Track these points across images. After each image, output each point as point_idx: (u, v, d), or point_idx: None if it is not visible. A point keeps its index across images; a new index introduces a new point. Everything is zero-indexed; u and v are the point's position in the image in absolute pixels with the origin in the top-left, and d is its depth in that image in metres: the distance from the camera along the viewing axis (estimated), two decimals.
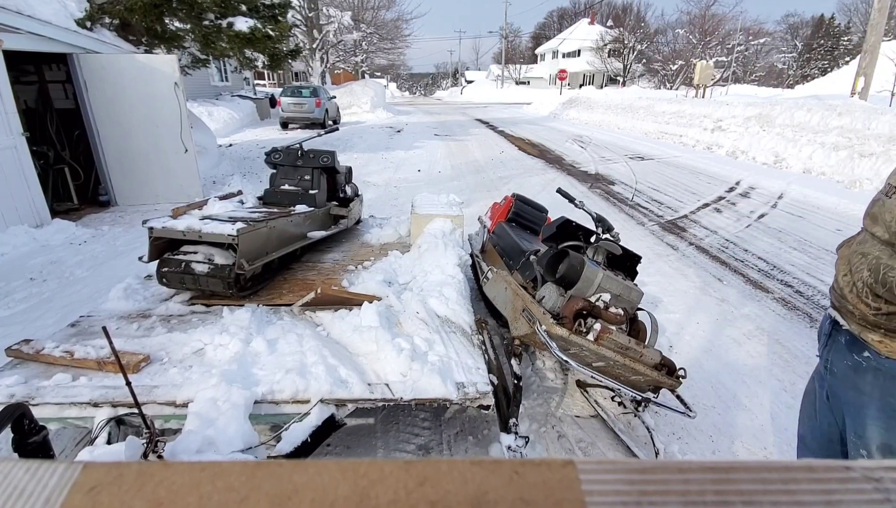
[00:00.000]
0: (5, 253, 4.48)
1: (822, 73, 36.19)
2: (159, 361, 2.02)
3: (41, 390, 1.79)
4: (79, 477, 0.30)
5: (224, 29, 7.18)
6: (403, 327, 2.28)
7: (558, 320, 2.07)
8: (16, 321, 3.27)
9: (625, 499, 0.29)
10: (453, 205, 3.65)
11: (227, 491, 0.29)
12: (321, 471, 0.31)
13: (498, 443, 2.14)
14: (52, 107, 6.31)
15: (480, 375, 1.97)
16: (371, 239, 3.82)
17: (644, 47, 40.44)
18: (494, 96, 42.32)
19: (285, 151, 3.71)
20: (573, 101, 21.33)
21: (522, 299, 2.33)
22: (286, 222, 3.03)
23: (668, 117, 13.60)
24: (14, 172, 4.99)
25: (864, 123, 7.85)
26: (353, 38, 27.81)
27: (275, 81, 36.90)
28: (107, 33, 6.54)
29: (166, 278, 2.53)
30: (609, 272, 2.23)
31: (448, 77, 75.28)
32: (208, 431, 1.54)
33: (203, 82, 16.88)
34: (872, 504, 0.29)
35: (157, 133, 6.28)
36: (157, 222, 2.55)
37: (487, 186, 7.56)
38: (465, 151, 11.60)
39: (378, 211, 5.51)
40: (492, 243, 3.30)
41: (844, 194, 6.74)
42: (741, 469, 0.31)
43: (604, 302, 2.12)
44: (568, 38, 49.42)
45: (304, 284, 2.88)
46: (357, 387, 1.84)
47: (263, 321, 2.36)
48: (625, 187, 7.56)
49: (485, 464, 0.32)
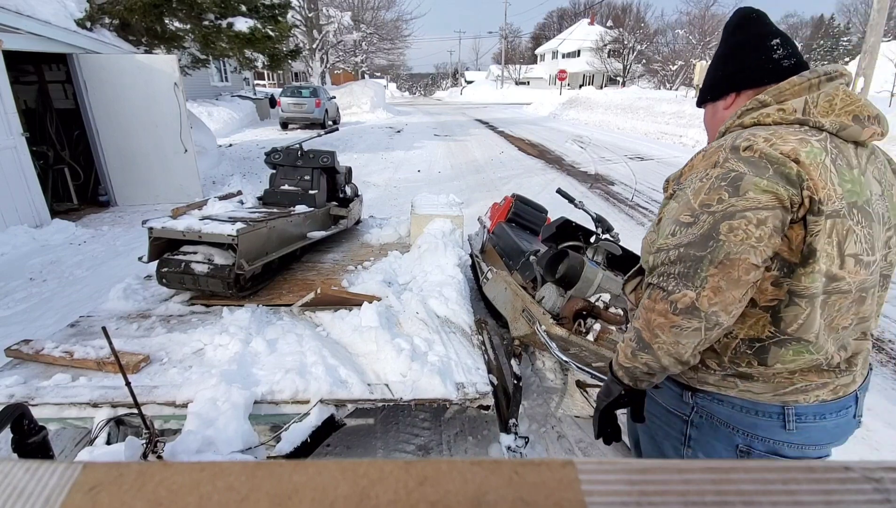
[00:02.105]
0: (5, 253, 4.47)
1: None
2: (159, 361, 2.02)
3: (41, 390, 1.79)
4: (79, 477, 0.30)
5: (224, 29, 7.18)
6: (403, 327, 2.28)
7: (558, 320, 2.07)
8: (15, 321, 3.26)
9: (625, 499, 0.29)
10: (453, 205, 3.65)
11: (226, 491, 0.29)
12: (321, 471, 0.31)
13: (498, 443, 2.14)
14: (52, 107, 6.31)
15: (480, 375, 1.97)
16: (371, 239, 3.81)
17: (644, 48, 40.46)
18: (494, 97, 42.33)
19: (285, 152, 3.71)
20: (573, 101, 21.35)
21: (522, 300, 2.33)
22: (286, 223, 3.03)
23: (667, 118, 13.61)
24: (14, 173, 4.99)
25: None
26: (352, 38, 27.80)
27: (275, 81, 36.91)
28: (107, 33, 6.54)
29: (166, 279, 2.53)
30: (609, 273, 2.23)
31: (448, 77, 75.29)
32: (208, 431, 1.54)
33: (203, 83, 16.87)
34: (872, 504, 0.29)
35: (157, 133, 6.28)
36: (156, 222, 2.55)
37: (487, 187, 7.56)
38: (464, 151, 11.60)
39: (378, 211, 5.51)
40: (491, 243, 3.30)
41: None
42: (741, 469, 0.31)
43: (604, 302, 2.12)
44: (568, 39, 49.45)
45: (303, 284, 2.88)
46: (357, 387, 1.84)
47: (263, 322, 2.36)
48: (624, 188, 7.56)
49: (485, 464, 0.32)
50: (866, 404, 1.08)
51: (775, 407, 0.98)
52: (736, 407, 1.01)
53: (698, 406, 1.06)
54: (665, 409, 1.13)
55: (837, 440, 1.04)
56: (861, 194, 0.89)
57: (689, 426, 1.08)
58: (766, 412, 0.99)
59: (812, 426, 0.99)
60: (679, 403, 1.09)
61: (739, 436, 1.02)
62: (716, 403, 1.03)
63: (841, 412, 1.00)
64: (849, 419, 1.03)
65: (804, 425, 0.98)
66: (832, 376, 0.98)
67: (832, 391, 0.98)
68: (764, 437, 1.00)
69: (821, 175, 0.85)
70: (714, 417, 1.04)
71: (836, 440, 1.04)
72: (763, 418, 0.99)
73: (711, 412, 1.04)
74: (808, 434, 0.99)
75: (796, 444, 1.00)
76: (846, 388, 1.00)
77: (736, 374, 1.00)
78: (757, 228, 0.84)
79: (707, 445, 1.07)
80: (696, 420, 1.07)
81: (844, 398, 1.00)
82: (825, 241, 0.87)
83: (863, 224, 0.89)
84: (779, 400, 0.98)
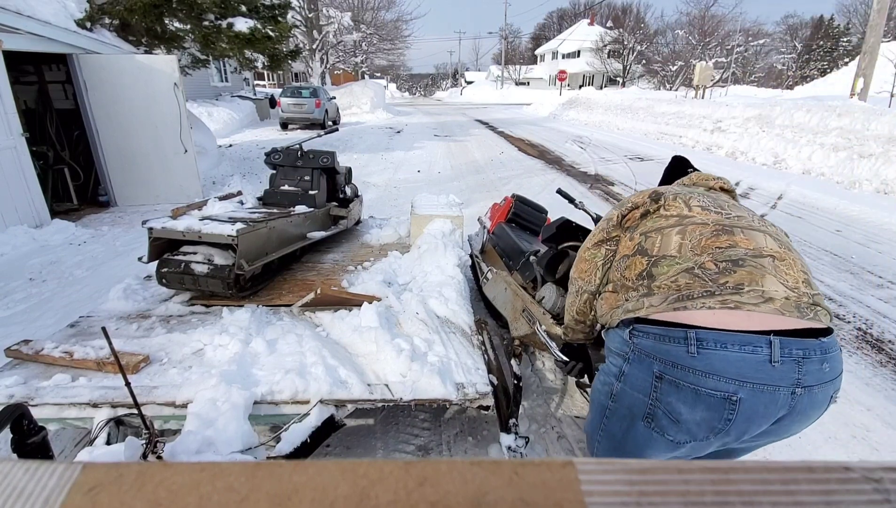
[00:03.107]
0: (5, 253, 4.47)
1: (821, 74, 36.20)
2: (159, 361, 2.01)
3: (40, 390, 1.79)
4: (78, 478, 0.30)
5: (224, 29, 7.18)
6: (403, 327, 2.28)
7: (558, 320, 2.07)
8: (15, 322, 3.26)
9: (624, 500, 0.29)
10: (453, 205, 3.65)
11: (226, 491, 0.29)
12: (321, 471, 0.31)
13: (497, 444, 2.14)
14: (52, 107, 6.31)
15: (480, 375, 1.97)
16: (371, 240, 3.81)
17: (644, 48, 40.45)
18: (494, 97, 42.34)
19: (285, 152, 3.71)
20: (573, 101, 21.34)
21: (522, 300, 2.32)
22: (286, 223, 3.03)
23: (667, 118, 13.61)
24: (14, 173, 4.99)
25: (864, 123, 7.85)
26: (352, 38, 27.81)
27: (275, 81, 36.92)
28: (107, 34, 6.54)
29: (166, 279, 2.53)
30: None
31: (448, 78, 75.30)
32: (208, 431, 1.54)
33: (203, 83, 16.88)
34: (872, 504, 0.29)
35: (157, 133, 6.28)
36: (156, 222, 2.55)
37: (487, 187, 7.56)
38: (464, 151, 11.60)
39: (378, 212, 5.51)
40: (491, 243, 3.30)
41: (844, 196, 6.75)
42: (741, 469, 0.31)
43: None
44: (568, 39, 49.46)
45: (303, 284, 2.88)
46: (357, 388, 1.84)
47: (263, 322, 2.36)
48: (624, 188, 7.56)
49: (484, 465, 0.32)
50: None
51: (680, 331, 1.13)
52: (656, 337, 1.18)
53: (633, 345, 1.24)
54: (615, 354, 1.32)
55: (749, 378, 1.07)
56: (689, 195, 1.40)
57: (626, 363, 1.26)
58: (674, 337, 1.14)
59: (713, 353, 1.09)
60: (622, 345, 1.28)
61: (657, 363, 1.17)
62: (642, 337, 1.21)
63: (746, 348, 1.08)
64: (761, 361, 1.07)
65: (706, 351, 1.10)
66: (714, 286, 1.14)
67: (721, 303, 1.11)
68: (673, 362, 1.14)
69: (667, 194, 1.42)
70: (642, 350, 1.21)
71: (747, 379, 1.08)
72: (673, 344, 1.14)
73: (641, 347, 1.22)
74: (708, 361, 1.09)
75: (700, 371, 1.10)
76: (748, 317, 1.09)
77: (640, 296, 1.26)
78: (595, 230, 1.51)
79: (632, 376, 1.24)
80: (631, 357, 1.24)
81: (751, 333, 1.08)
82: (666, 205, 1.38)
83: (694, 197, 1.38)
84: (671, 309, 1.16)
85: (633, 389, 1.24)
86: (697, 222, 1.28)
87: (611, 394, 1.31)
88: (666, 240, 1.28)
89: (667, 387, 1.16)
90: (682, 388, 1.13)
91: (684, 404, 1.14)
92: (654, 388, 1.18)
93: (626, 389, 1.26)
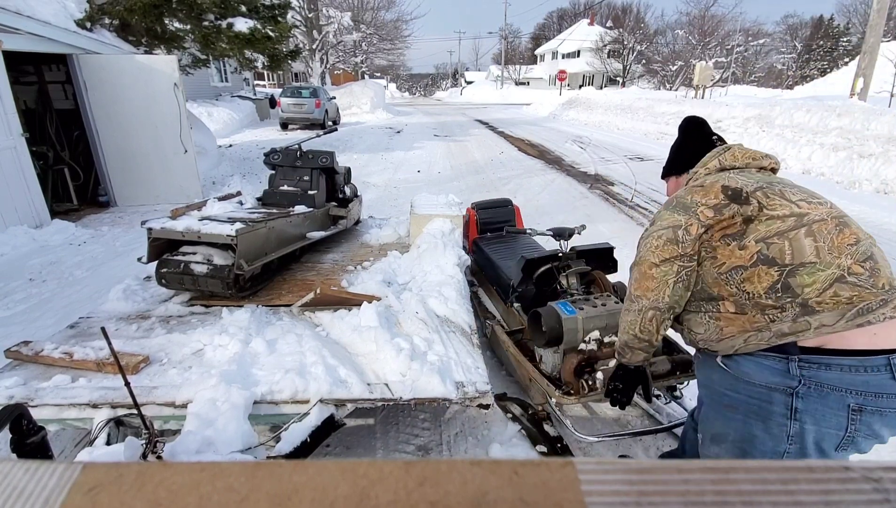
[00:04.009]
0: (5, 254, 4.47)
1: (821, 74, 36.20)
2: (158, 362, 2.01)
3: (40, 391, 1.79)
4: (78, 478, 0.30)
5: (224, 30, 7.18)
6: (403, 327, 2.28)
7: (562, 385, 2.04)
8: (15, 322, 3.26)
9: (624, 499, 0.29)
10: (452, 205, 3.65)
11: (226, 491, 0.29)
12: (321, 471, 0.31)
13: (497, 444, 2.14)
14: (52, 107, 6.31)
15: (480, 374, 1.97)
16: (370, 239, 3.81)
17: (643, 48, 40.45)
18: (494, 97, 42.32)
19: (284, 152, 3.70)
20: (573, 101, 21.34)
21: (526, 369, 2.27)
22: (285, 223, 3.02)
23: (667, 118, 13.61)
24: (14, 173, 4.98)
25: (864, 123, 7.86)
26: (352, 38, 27.80)
27: (274, 81, 36.89)
28: (107, 34, 6.54)
29: (165, 279, 2.53)
30: (587, 306, 2.10)
31: (448, 78, 75.31)
32: (208, 431, 1.54)
33: (203, 83, 16.87)
34: (872, 504, 0.29)
35: (157, 134, 6.28)
36: (156, 222, 2.55)
37: (487, 187, 7.56)
38: (464, 151, 11.60)
39: (377, 211, 5.51)
40: (477, 264, 3.33)
41: (844, 195, 6.75)
42: (741, 469, 0.31)
43: (595, 341, 2.04)
44: (567, 39, 49.46)
45: (303, 284, 2.88)
46: (356, 387, 1.84)
47: (263, 322, 2.36)
48: (624, 188, 7.56)
49: (485, 464, 0.32)
50: None
51: (881, 359, 1.05)
52: (847, 369, 1.07)
53: (805, 378, 1.11)
54: (765, 387, 1.18)
55: None
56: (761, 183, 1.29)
57: (795, 399, 1.13)
58: (873, 366, 1.05)
59: None
60: (784, 378, 1.14)
61: (852, 396, 1.07)
62: (823, 369, 1.09)
63: None
64: None
65: None
66: (881, 292, 1.08)
67: (893, 310, 1.05)
68: (876, 393, 1.06)
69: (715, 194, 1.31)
70: (826, 384, 1.09)
71: None
72: (872, 373, 1.06)
73: (819, 380, 1.10)
74: None
75: None
76: None
77: (796, 316, 1.12)
78: (657, 239, 1.31)
79: (815, 413, 1.11)
80: (802, 392, 1.12)
81: None
82: (773, 204, 1.22)
83: (784, 188, 1.26)
84: (854, 326, 1.06)
85: (818, 425, 1.12)
86: (816, 218, 1.17)
87: (787, 437, 1.16)
88: (797, 245, 1.15)
89: (869, 417, 1.08)
90: (888, 414, 1.07)
91: (888, 427, 1.10)
92: (853, 420, 1.09)
93: (809, 427, 1.13)
